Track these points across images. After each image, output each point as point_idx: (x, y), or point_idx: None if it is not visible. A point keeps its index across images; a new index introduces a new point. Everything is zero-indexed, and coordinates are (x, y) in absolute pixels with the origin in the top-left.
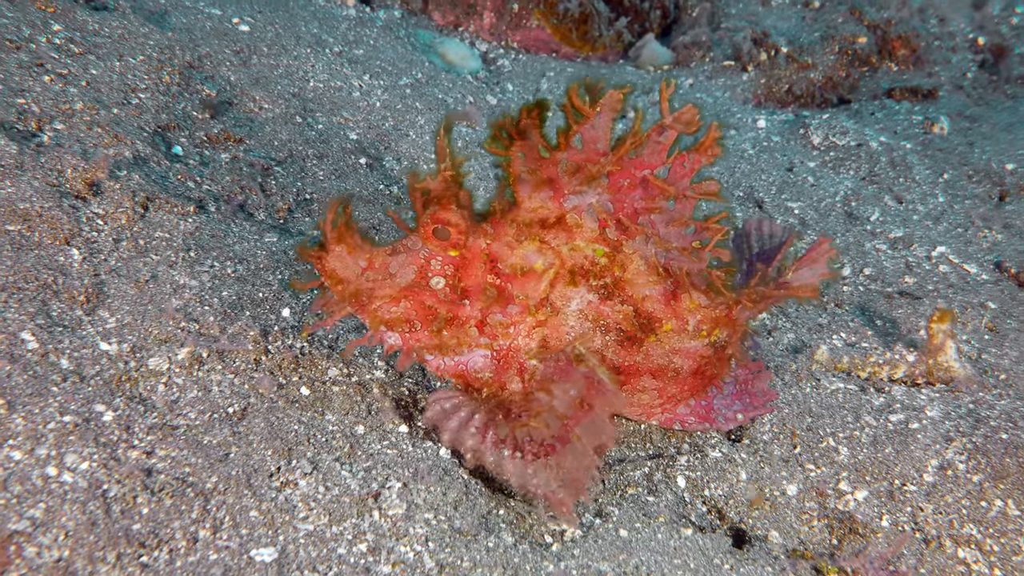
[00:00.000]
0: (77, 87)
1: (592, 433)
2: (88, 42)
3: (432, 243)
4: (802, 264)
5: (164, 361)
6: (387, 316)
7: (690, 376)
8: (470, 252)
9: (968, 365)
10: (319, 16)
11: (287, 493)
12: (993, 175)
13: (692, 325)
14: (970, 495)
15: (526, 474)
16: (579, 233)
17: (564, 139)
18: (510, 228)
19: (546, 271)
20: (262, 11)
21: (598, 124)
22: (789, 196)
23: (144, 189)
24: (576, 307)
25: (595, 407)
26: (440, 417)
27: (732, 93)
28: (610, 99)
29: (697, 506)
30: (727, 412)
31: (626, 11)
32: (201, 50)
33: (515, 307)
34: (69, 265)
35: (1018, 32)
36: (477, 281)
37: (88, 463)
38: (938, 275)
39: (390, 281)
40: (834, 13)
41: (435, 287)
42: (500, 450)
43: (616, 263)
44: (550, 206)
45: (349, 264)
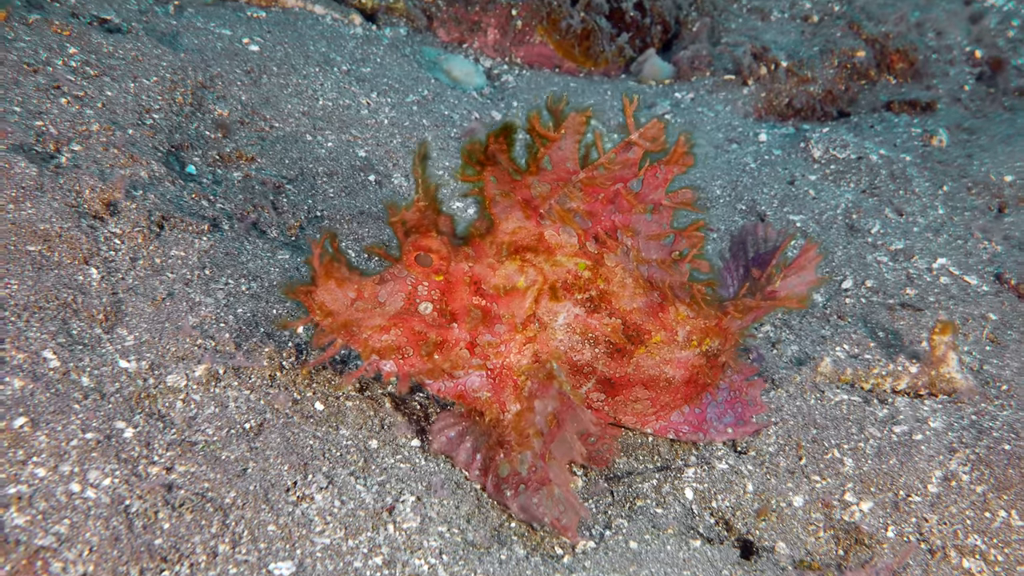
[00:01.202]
0: (93, 109)
1: (562, 450)
2: (103, 64)
3: (415, 270)
4: (790, 272)
5: (182, 378)
6: (378, 345)
7: (683, 385)
8: (453, 276)
9: (970, 376)
10: (327, 35)
11: (304, 507)
12: (992, 187)
13: (682, 336)
14: (974, 506)
15: (531, 507)
16: (560, 250)
17: (533, 163)
18: (491, 249)
19: (529, 288)
20: (271, 31)
21: (564, 146)
22: (791, 209)
23: (159, 208)
24: (564, 321)
25: (564, 424)
26: (448, 448)
27: (733, 107)
28: (572, 121)
29: (705, 518)
30: (719, 424)
31: (628, 27)
32: (213, 71)
33: (502, 326)
34: (88, 284)
35: (1015, 45)
36: (462, 304)
37: (110, 479)
38: (939, 287)
39: (379, 310)
40: (833, 27)
41: (423, 313)
42: (503, 492)
43: (600, 276)
44: (528, 226)
45: (338, 297)
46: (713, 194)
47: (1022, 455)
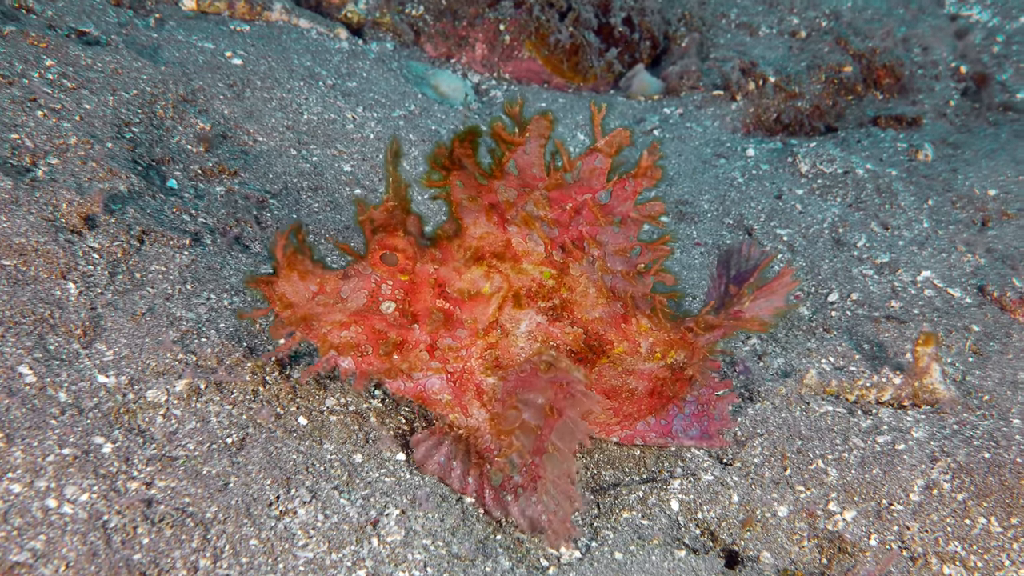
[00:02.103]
0: (71, 122)
1: (566, 437)
2: (81, 77)
3: (380, 268)
4: (760, 294)
5: (162, 393)
6: (337, 341)
7: (646, 396)
8: (418, 277)
9: (953, 387)
10: (312, 49)
11: (286, 521)
12: (976, 201)
13: (645, 348)
14: (955, 513)
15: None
16: (526, 257)
17: (497, 168)
18: (457, 253)
19: (493, 295)
20: (255, 44)
21: (529, 150)
22: (778, 223)
23: (139, 223)
24: (525, 329)
25: (564, 411)
26: (440, 473)
27: (721, 122)
28: (537, 125)
29: (691, 528)
30: (684, 436)
31: (616, 42)
32: (194, 84)
33: (464, 331)
34: (65, 299)
35: (999, 60)
36: (425, 305)
37: (88, 495)
38: (923, 299)
39: (341, 306)
40: (820, 43)
41: (385, 312)
42: (505, 501)
43: (563, 285)
44: (495, 232)
45: (300, 289)
46: (701, 208)
47: (1002, 463)
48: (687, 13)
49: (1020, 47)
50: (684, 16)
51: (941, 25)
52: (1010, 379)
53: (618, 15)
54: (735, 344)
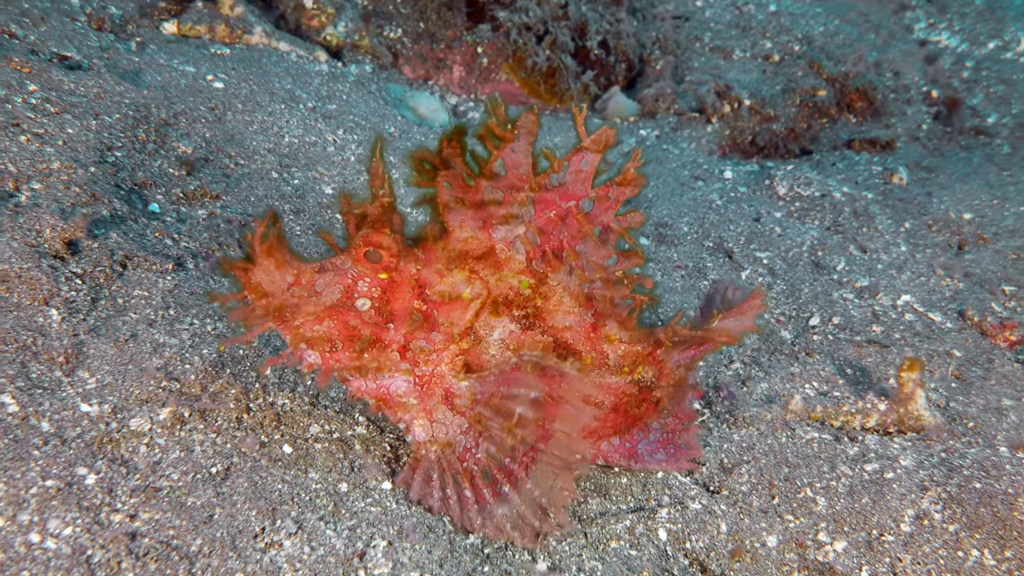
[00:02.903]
0: (54, 146)
1: (572, 419)
2: (64, 101)
3: (363, 265)
4: (730, 315)
5: (146, 421)
6: (309, 334)
7: (611, 412)
8: (400, 276)
9: (937, 413)
10: (292, 72)
11: (272, 554)
12: (952, 224)
13: (612, 360)
14: (947, 545)
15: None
16: (508, 264)
17: (486, 167)
18: (441, 255)
19: (473, 300)
20: (236, 68)
21: (518, 148)
22: (758, 246)
23: (122, 247)
24: (498, 336)
25: (564, 396)
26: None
27: (698, 144)
28: (526, 121)
29: (679, 559)
30: (650, 459)
31: (592, 65)
32: (176, 107)
33: (439, 335)
34: (48, 326)
35: (969, 85)
36: (404, 305)
37: (71, 528)
38: (904, 323)
39: (315, 299)
40: (794, 67)
41: (360, 308)
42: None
43: (539, 293)
44: (480, 236)
45: (275, 278)
46: (681, 231)
47: (993, 493)
48: (662, 37)
49: (989, 72)
50: (659, 39)
51: (911, 50)
52: (994, 405)
53: (594, 38)
54: (718, 369)
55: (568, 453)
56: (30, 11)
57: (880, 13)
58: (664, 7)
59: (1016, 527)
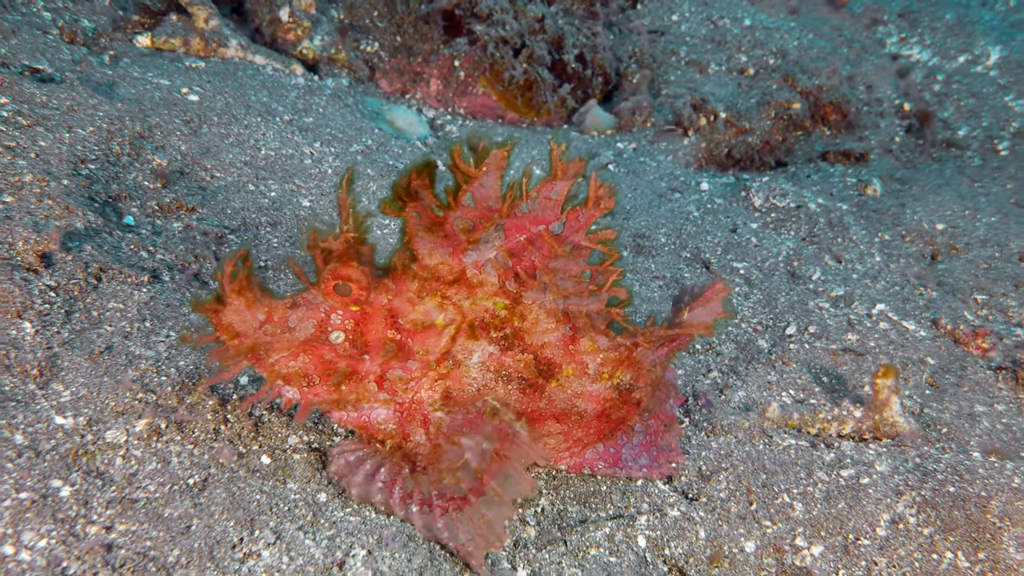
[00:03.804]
0: (26, 159)
1: (508, 485)
2: (36, 114)
3: (332, 298)
4: (697, 304)
5: (122, 433)
6: (285, 371)
7: (595, 419)
8: (371, 307)
9: (912, 420)
10: (268, 85)
11: (251, 564)
12: (925, 235)
13: (592, 368)
14: (922, 548)
15: (434, 527)
16: (480, 288)
17: (454, 200)
18: (411, 284)
19: (447, 326)
20: (211, 81)
21: (487, 183)
22: (734, 256)
23: (97, 260)
24: (478, 360)
25: (509, 458)
26: (345, 471)
27: (674, 157)
28: (495, 158)
29: (659, 566)
30: (633, 464)
31: (569, 78)
32: (151, 120)
33: (415, 363)
34: (21, 338)
35: (940, 99)
36: (377, 336)
37: (46, 540)
38: (879, 332)
39: (288, 335)
40: (769, 80)
41: (334, 342)
42: (408, 505)
43: (516, 314)
44: (450, 262)
45: (247, 318)
46: (658, 242)
47: (967, 497)
48: (638, 51)
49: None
50: (635, 53)
51: (884, 64)
52: (967, 411)
53: (571, 52)
54: (696, 378)
55: (494, 513)
56: (0, 24)
57: (853, 27)
58: (640, 21)
59: (989, 529)
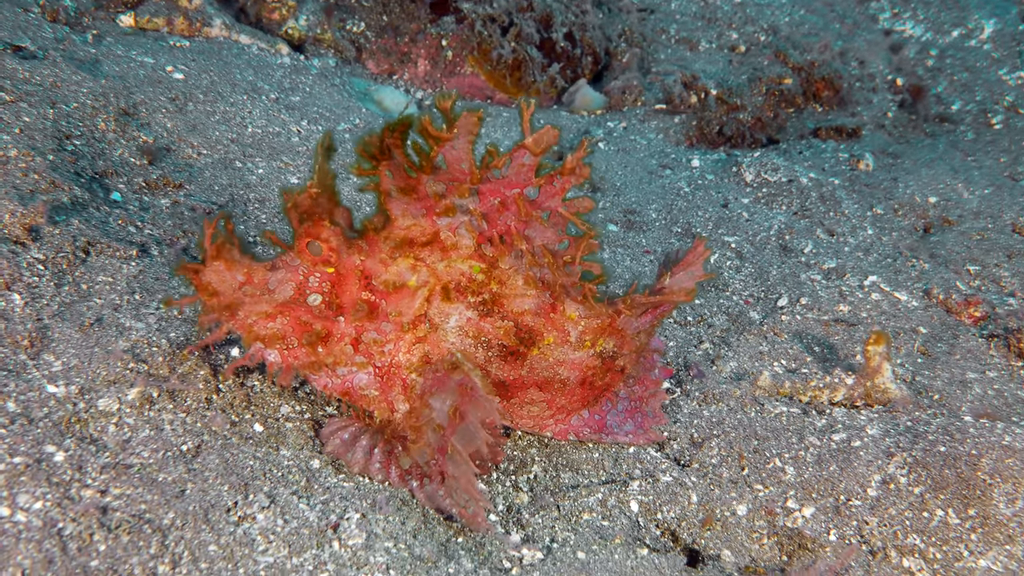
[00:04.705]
0: (10, 134)
1: (465, 440)
2: (20, 90)
3: (306, 258)
4: (678, 269)
5: (114, 402)
6: (262, 332)
7: (578, 387)
8: (344, 269)
9: (904, 387)
10: (253, 64)
11: (245, 527)
12: (917, 208)
13: (574, 336)
14: (912, 506)
15: (437, 497)
16: (455, 251)
17: (426, 161)
18: (384, 245)
19: (419, 288)
20: (196, 59)
21: (458, 145)
22: (725, 231)
23: (84, 234)
24: (455, 324)
25: (467, 415)
26: (342, 450)
27: (665, 135)
28: (466, 122)
29: (651, 529)
30: (619, 430)
31: (558, 57)
32: (136, 97)
33: (389, 325)
34: (11, 310)
35: (933, 73)
36: (352, 298)
37: (41, 502)
38: (871, 303)
39: (267, 296)
40: (760, 56)
41: (312, 304)
42: (408, 481)
43: (493, 279)
44: (423, 224)
45: (226, 278)
46: (649, 217)
47: (958, 455)
48: (628, 29)
49: (953, 60)
50: (625, 32)
51: (876, 39)
52: (959, 378)
53: (560, 30)
54: (688, 349)
55: (459, 472)
56: None
57: (845, 3)
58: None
59: (979, 486)
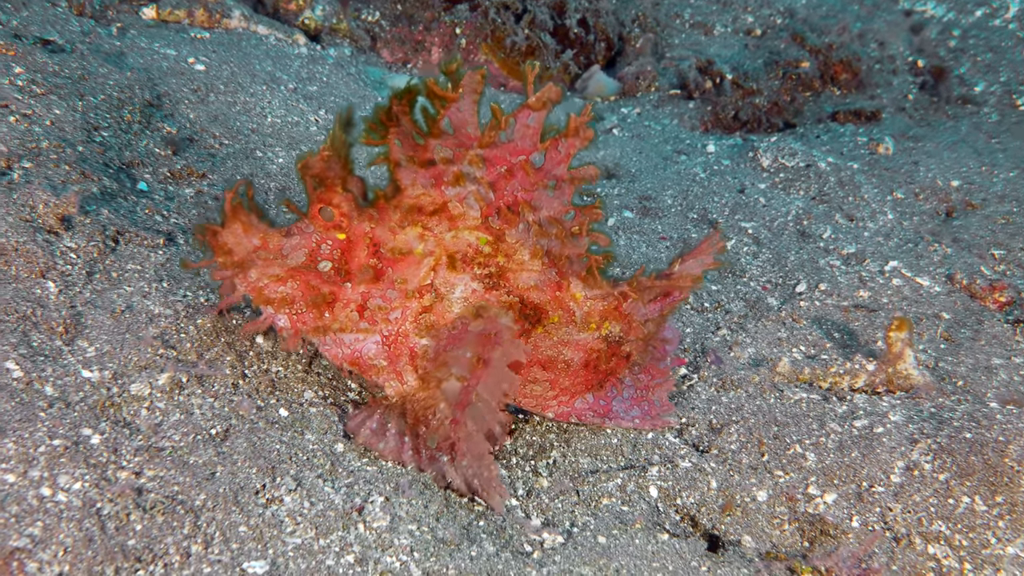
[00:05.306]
0: (42, 127)
1: (493, 387)
2: (49, 83)
3: (318, 223)
4: (689, 257)
5: (145, 386)
6: (272, 295)
7: (582, 369)
8: (354, 235)
9: (927, 372)
10: (272, 55)
11: (273, 509)
12: (939, 192)
13: (579, 316)
14: (937, 493)
15: (468, 473)
16: (462, 221)
17: (433, 125)
18: (394, 214)
19: (425, 257)
20: (216, 51)
21: (463, 107)
22: (742, 216)
23: (114, 223)
24: (460, 295)
25: (491, 361)
26: (373, 440)
27: (680, 120)
28: (470, 80)
29: (671, 514)
30: (624, 416)
31: (572, 44)
32: (160, 89)
33: (394, 292)
34: (46, 297)
35: (956, 54)
36: (359, 264)
37: (80, 483)
38: (892, 288)
39: (279, 260)
40: (776, 40)
41: (322, 270)
42: (438, 462)
43: (500, 252)
44: (432, 194)
45: (242, 240)
46: (665, 203)
47: (983, 442)
48: (641, 14)
49: (976, 41)
50: (638, 17)
51: (897, 20)
52: (983, 364)
53: (573, 17)
54: (705, 335)
55: (480, 424)
56: None
57: None
58: None
59: (1007, 473)
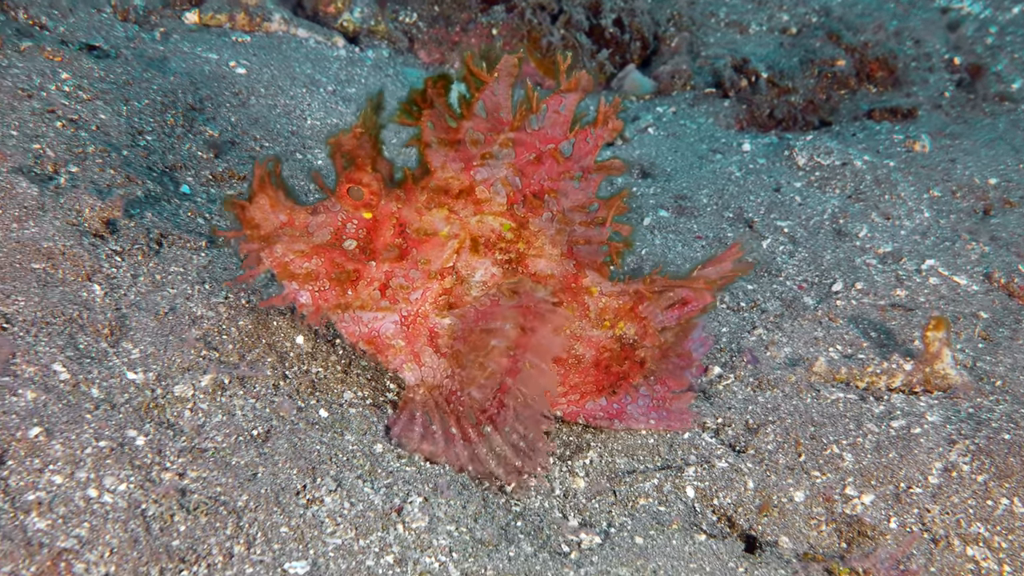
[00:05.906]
0: (88, 131)
1: (543, 351)
2: (95, 88)
3: (345, 201)
4: (709, 264)
5: (188, 388)
6: (297, 270)
7: (593, 367)
8: (381, 215)
9: (964, 373)
10: (311, 57)
11: (314, 510)
12: (977, 190)
13: (593, 312)
14: (976, 495)
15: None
16: (487, 206)
17: (467, 108)
18: (421, 195)
19: (450, 239)
20: (256, 54)
21: (498, 90)
22: (778, 215)
23: (157, 226)
24: (480, 278)
25: (538, 329)
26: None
27: (715, 119)
28: (506, 64)
29: (707, 515)
30: (639, 418)
31: (607, 43)
32: (202, 93)
33: (417, 272)
34: (92, 300)
35: (993, 51)
36: (384, 243)
37: (126, 484)
38: (929, 287)
39: (305, 237)
40: (812, 38)
41: (347, 249)
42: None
43: (522, 239)
44: (461, 177)
45: (269, 215)
46: (700, 203)
47: (1023, 443)
48: (676, 13)
49: (1014, 38)
50: (673, 16)
51: (933, 18)
52: (1022, 364)
53: (608, 16)
54: (741, 335)
55: (535, 388)
56: (58, 3)
57: None
58: None
59: None
